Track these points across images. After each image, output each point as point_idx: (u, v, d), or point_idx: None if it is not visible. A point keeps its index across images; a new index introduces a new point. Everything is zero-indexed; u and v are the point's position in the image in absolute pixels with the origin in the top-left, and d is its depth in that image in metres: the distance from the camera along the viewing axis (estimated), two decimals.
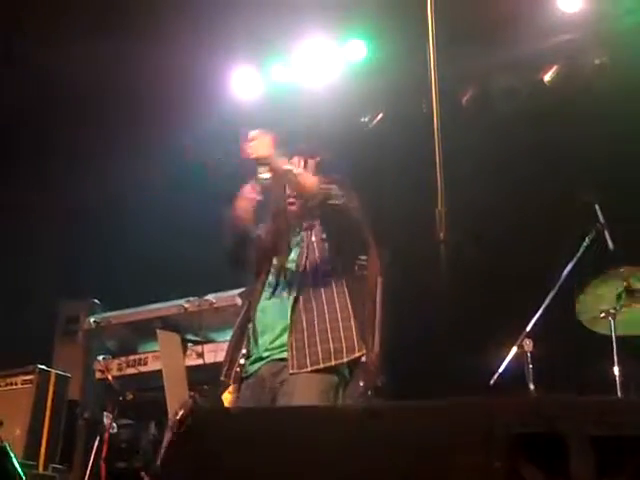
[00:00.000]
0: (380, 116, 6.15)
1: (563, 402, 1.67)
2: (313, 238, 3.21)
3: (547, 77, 5.58)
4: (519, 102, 5.57)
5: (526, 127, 5.37)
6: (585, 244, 4.02)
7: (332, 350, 2.99)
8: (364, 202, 3.38)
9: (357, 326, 3.09)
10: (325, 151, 3.44)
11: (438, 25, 2.83)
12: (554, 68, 5.55)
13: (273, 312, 3.13)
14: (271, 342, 3.08)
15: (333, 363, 2.98)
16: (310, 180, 3.14)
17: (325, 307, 3.07)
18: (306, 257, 3.16)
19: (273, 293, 3.16)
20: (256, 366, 3.10)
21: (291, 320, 3.04)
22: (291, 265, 3.18)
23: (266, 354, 3.08)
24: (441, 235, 2.48)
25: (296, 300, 3.07)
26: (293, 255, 3.22)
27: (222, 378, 3.19)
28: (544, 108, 5.41)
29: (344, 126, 5.96)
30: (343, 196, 3.16)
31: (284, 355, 3.03)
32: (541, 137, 5.23)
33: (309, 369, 2.96)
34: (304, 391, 2.95)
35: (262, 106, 6.06)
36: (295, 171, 3.12)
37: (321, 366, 2.96)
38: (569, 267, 4.00)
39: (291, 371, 2.97)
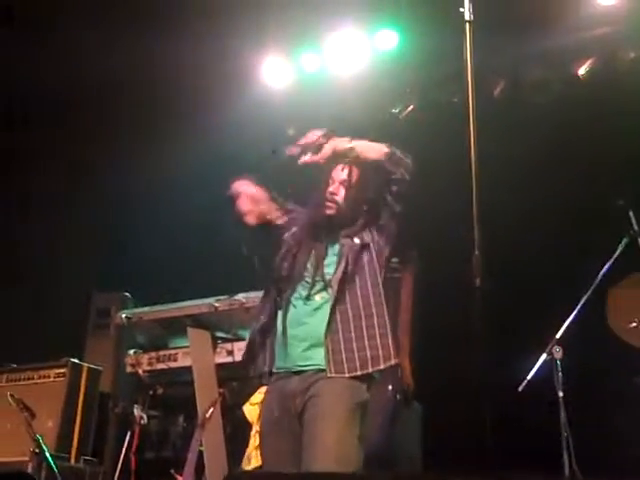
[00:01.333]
0: (411, 107, 6.10)
1: None
2: (356, 241, 3.16)
3: (581, 71, 5.50)
4: (551, 95, 5.49)
5: (558, 122, 5.30)
6: (618, 251, 3.99)
7: (369, 357, 2.97)
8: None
9: (392, 332, 3.08)
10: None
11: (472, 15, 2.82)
12: (589, 62, 5.47)
13: (308, 316, 3.09)
14: (305, 349, 3.05)
15: (370, 370, 2.96)
16: (374, 148, 3.12)
17: (362, 313, 3.03)
18: (346, 264, 3.11)
19: (308, 297, 3.14)
20: (284, 367, 3.08)
21: (328, 326, 3.01)
22: (328, 271, 3.16)
23: (300, 362, 3.05)
24: (477, 281, 2.47)
25: (334, 306, 3.04)
26: (329, 261, 3.19)
27: (252, 374, 3.19)
28: (577, 103, 5.33)
29: (374, 117, 5.93)
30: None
31: (319, 365, 3.01)
32: (573, 133, 5.16)
33: (346, 376, 2.95)
34: (333, 394, 2.94)
35: (292, 96, 6.04)
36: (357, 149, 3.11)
37: (358, 373, 2.94)
38: (601, 274, 3.96)
39: (328, 375, 2.95)
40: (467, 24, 2.93)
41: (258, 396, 3.29)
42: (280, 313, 3.17)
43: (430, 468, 3.81)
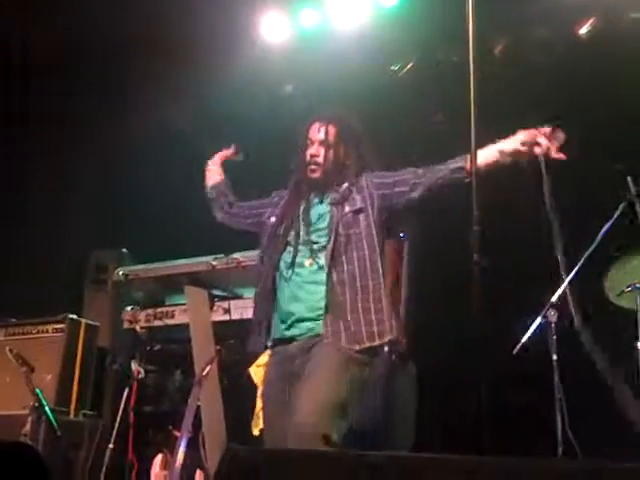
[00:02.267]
0: (410, 65, 6.05)
1: None
2: (347, 209, 3.16)
3: (582, 30, 5.45)
4: (553, 55, 5.45)
5: (558, 82, 5.26)
6: (615, 216, 4.00)
7: (364, 333, 3.00)
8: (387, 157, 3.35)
9: (388, 305, 3.09)
10: (347, 117, 3.39)
11: None
12: (590, 21, 5.41)
13: (301, 290, 3.12)
14: (304, 312, 3.09)
15: (366, 345, 3.01)
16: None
17: (358, 284, 3.05)
18: (336, 231, 3.11)
19: (299, 264, 3.15)
20: (286, 333, 3.11)
21: (325, 303, 3.04)
22: (319, 238, 3.16)
23: (298, 327, 3.09)
24: (475, 256, 2.48)
25: (328, 280, 3.05)
26: (320, 226, 3.19)
27: (252, 349, 3.23)
28: (578, 63, 5.28)
29: (373, 74, 5.88)
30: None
31: (316, 330, 3.04)
32: (573, 94, 5.13)
33: (344, 345, 2.99)
34: (330, 352, 2.98)
35: (291, 51, 5.98)
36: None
37: (356, 347, 2.99)
38: (598, 239, 3.98)
39: (325, 340, 3.00)
40: None
41: (264, 358, 3.32)
42: (276, 282, 3.19)
43: (424, 429, 3.87)
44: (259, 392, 3.28)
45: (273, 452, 2.51)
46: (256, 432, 3.22)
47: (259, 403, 3.25)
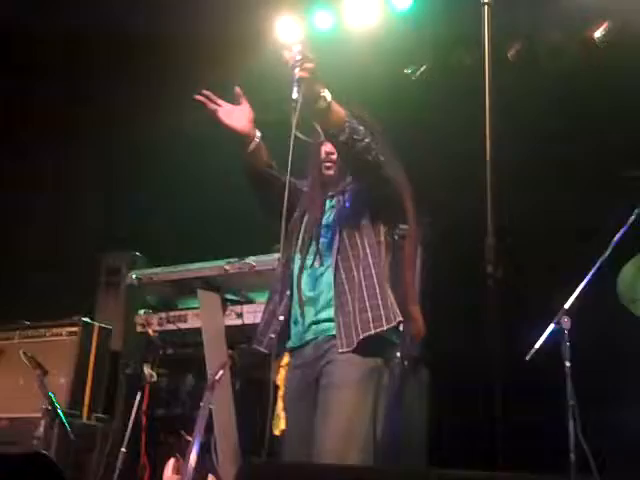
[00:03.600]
0: (423, 68, 6.04)
1: None
2: (346, 204, 3.16)
3: (597, 34, 5.41)
4: (566, 60, 5.42)
5: (573, 86, 5.24)
6: (629, 222, 3.97)
7: (371, 318, 2.95)
8: (402, 158, 3.32)
9: (397, 296, 3.07)
10: (361, 111, 3.35)
11: None
12: (604, 25, 5.38)
13: (313, 283, 3.11)
14: (315, 314, 3.08)
15: (372, 332, 2.94)
16: (339, 112, 3.02)
17: (362, 278, 3.01)
18: (338, 223, 3.11)
19: (313, 261, 3.13)
20: (303, 338, 3.09)
21: (335, 300, 3.02)
22: (325, 231, 3.15)
23: (312, 330, 3.08)
24: (489, 268, 2.47)
25: (335, 276, 3.04)
26: (327, 220, 3.18)
27: (260, 348, 3.20)
28: (593, 67, 5.26)
29: (387, 76, 5.87)
30: (372, 141, 3.05)
31: (330, 331, 3.02)
32: (588, 99, 5.10)
33: (354, 344, 2.94)
34: (347, 362, 2.95)
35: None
36: (328, 99, 3.00)
37: (363, 335, 2.93)
38: (612, 245, 3.96)
39: (340, 350, 2.95)
40: None
41: (285, 359, 3.30)
42: (292, 282, 3.18)
43: (435, 437, 3.86)
44: (280, 393, 3.25)
45: (291, 466, 2.50)
46: (277, 432, 3.19)
47: (280, 404, 3.22)
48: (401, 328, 3.16)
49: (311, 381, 3.04)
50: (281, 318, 3.14)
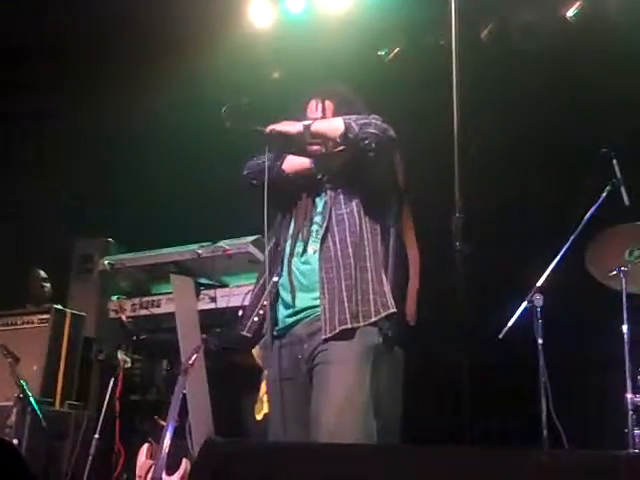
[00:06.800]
0: (397, 50, 6.01)
1: None
2: (339, 190, 3.09)
3: (570, 13, 5.40)
4: (539, 39, 5.41)
5: (546, 67, 5.23)
6: (600, 199, 3.98)
7: (360, 311, 2.90)
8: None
9: (386, 281, 3.01)
10: (344, 91, 3.32)
11: None
12: (577, 3, 5.37)
13: (306, 269, 3.05)
14: (309, 300, 3.01)
15: (362, 324, 2.90)
16: (326, 124, 3.03)
17: (351, 263, 2.95)
18: (329, 213, 3.05)
19: (305, 249, 3.08)
20: (292, 320, 3.04)
21: (321, 281, 2.97)
22: (316, 222, 3.11)
23: (305, 312, 3.02)
24: (457, 244, 2.45)
25: (321, 259, 2.99)
26: (318, 206, 3.12)
27: (243, 332, 3.16)
28: (565, 47, 5.25)
29: (360, 59, 5.84)
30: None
31: (320, 315, 2.97)
32: (560, 78, 5.10)
33: (337, 330, 2.89)
34: (341, 357, 2.90)
35: (278, 36, 5.94)
36: (304, 129, 3.00)
37: (349, 326, 2.88)
38: (583, 222, 3.96)
39: (324, 336, 2.90)
40: None
41: (257, 351, 3.25)
42: (281, 267, 3.14)
43: (409, 415, 3.85)
44: (264, 375, 3.20)
45: (250, 444, 2.48)
46: (259, 417, 3.15)
47: (263, 387, 3.17)
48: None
49: (301, 358, 2.98)
50: (265, 303, 3.09)
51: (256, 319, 3.10)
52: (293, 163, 3.18)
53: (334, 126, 3.00)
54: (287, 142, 3.10)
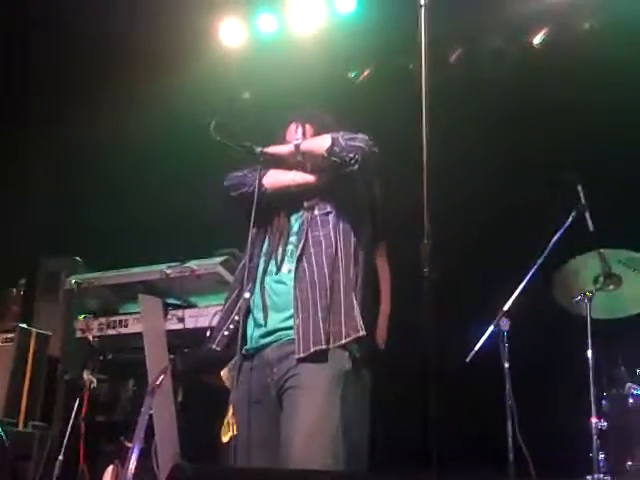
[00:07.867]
0: (366, 72, 6.07)
1: None
2: (316, 212, 3.13)
3: (536, 40, 5.50)
4: (506, 65, 5.50)
5: (513, 92, 5.31)
6: (566, 225, 4.04)
7: (331, 332, 2.93)
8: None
9: (357, 304, 3.03)
10: (323, 115, 3.37)
11: None
12: (543, 31, 5.47)
13: (279, 288, 3.08)
14: (281, 321, 3.04)
15: (332, 346, 2.92)
16: (318, 140, 3.11)
17: (325, 285, 2.98)
18: (306, 235, 3.08)
19: (279, 266, 3.11)
20: (263, 341, 3.05)
21: (295, 300, 2.99)
22: (291, 242, 3.13)
23: (276, 335, 3.03)
24: (425, 270, 2.47)
25: (295, 283, 3.01)
26: (294, 226, 3.16)
27: (212, 345, 3.15)
28: (532, 73, 5.34)
29: (330, 81, 5.89)
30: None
31: (292, 336, 2.98)
32: (527, 104, 5.18)
33: (311, 350, 2.91)
34: (312, 383, 2.92)
35: (249, 57, 5.98)
36: (295, 148, 3.11)
37: (323, 347, 2.91)
38: (549, 247, 4.02)
39: (297, 356, 2.92)
40: None
41: (236, 362, 3.24)
42: (254, 286, 3.14)
43: (376, 440, 3.86)
44: (231, 397, 3.19)
45: (217, 469, 2.47)
46: (225, 439, 3.13)
47: (230, 410, 3.16)
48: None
49: (270, 382, 2.99)
50: (236, 318, 3.11)
51: (226, 333, 3.12)
52: (273, 180, 3.20)
53: (322, 141, 3.08)
54: (279, 162, 3.18)
